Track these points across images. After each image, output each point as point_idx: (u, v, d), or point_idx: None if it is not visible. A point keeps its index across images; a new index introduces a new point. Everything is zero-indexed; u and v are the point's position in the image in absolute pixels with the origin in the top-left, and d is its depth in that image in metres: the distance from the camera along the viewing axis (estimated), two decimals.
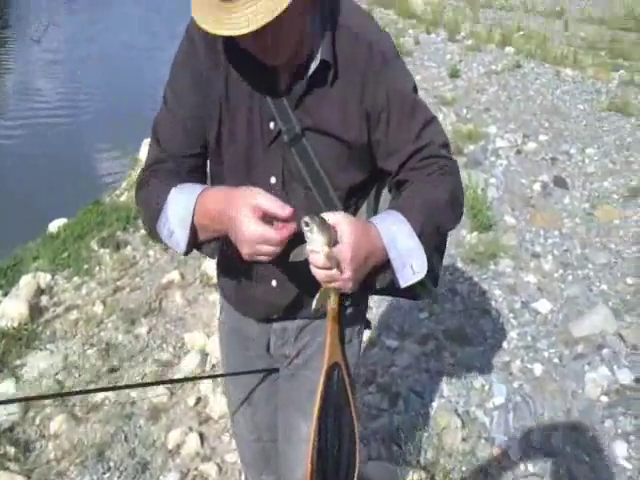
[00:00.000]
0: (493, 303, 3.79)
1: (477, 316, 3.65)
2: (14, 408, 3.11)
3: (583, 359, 3.15)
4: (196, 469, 2.76)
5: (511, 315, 3.65)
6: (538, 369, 3.14)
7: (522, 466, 2.53)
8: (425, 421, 2.84)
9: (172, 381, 1.78)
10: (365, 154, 1.34)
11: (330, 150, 1.31)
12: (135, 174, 5.67)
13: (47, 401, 3.20)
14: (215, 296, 3.98)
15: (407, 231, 1.21)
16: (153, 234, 1.33)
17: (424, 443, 2.63)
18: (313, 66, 1.24)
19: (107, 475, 2.74)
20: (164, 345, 3.71)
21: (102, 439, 2.95)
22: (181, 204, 1.24)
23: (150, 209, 1.32)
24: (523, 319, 3.60)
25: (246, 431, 1.81)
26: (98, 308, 4.09)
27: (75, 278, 4.52)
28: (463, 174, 1.46)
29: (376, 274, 1.25)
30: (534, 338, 3.41)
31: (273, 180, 1.35)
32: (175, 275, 4.33)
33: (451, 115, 6.89)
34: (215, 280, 3.70)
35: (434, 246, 1.34)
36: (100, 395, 3.26)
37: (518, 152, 5.90)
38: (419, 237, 1.22)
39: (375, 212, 1.47)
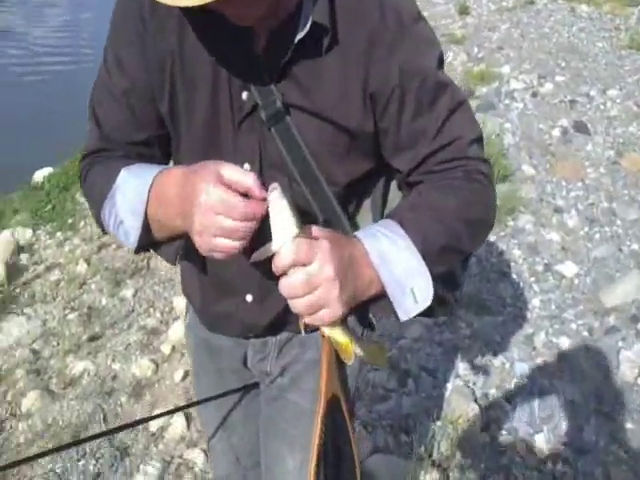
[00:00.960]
0: (512, 265, 3.43)
1: (495, 280, 3.30)
2: None
3: (616, 334, 2.81)
4: (180, 457, 2.47)
5: (533, 279, 3.30)
6: (565, 343, 2.81)
7: (549, 464, 2.22)
8: (438, 405, 2.52)
9: (146, 420, 1.48)
10: (370, 144, 1.06)
11: (322, 136, 1.03)
12: None
13: (20, 374, 2.91)
14: None
15: (405, 247, 0.94)
16: (99, 224, 1.09)
17: (437, 432, 2.32)
18: (302, 30, 0.94)
19: (82, 462, 2.46)
20: (151, 310, 3.40)
21: (79, 419, 2.67)
22: (132, 187, 0.99)
23: (94, 195, 1.08)
24: (546, 284, 3.25)
25: (222, 455, 1.51)
26: (82, 267, 3.77)
27: (58, 234, 4.19)
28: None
29: (368, 302, 0.97)
30: (559, 307, 3.07)
31: (247, 167, 1.06)
32: None
33: (461, 55, 6.41)
34: None
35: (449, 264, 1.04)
36: (79, 367, 2.97)
37: (534, 94, 5.45)
38: (423, 257, 0.95)
39: (382, 214, 1.17)
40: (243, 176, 0.87)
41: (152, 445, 2.54)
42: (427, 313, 0.99)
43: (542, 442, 2.30)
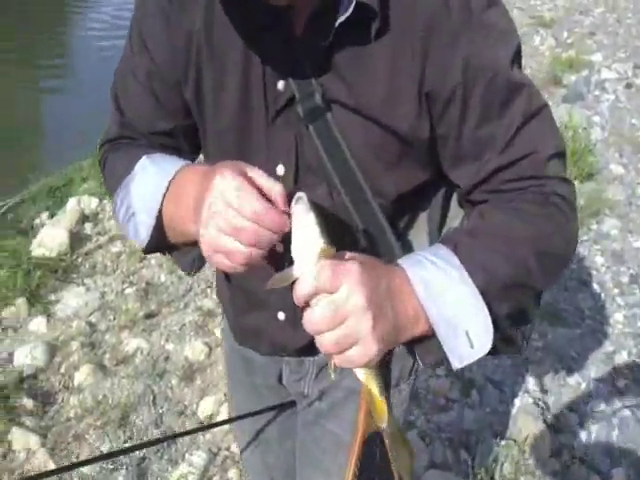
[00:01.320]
0: (594, 274, 3.18)
1: (574, 289, 3.06)
2: (41, 354, 2.82)
3: None
4: (227, 449, 2.39)
5: (616, 291, 3.04)
6: None
7: None
8: (503, 422, 2.34)
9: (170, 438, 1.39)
10: (425, 152, 0.90)
11: (368, 139, 0.88)
12: None
13: (75, 346, 2.89)
14: None
15: (459, 280, 0.79)
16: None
17: (501, 453, 2.14)
18: (345, 12, 0.79)
19: (128, 445, 2.40)
20: (208, 290, 3.32)
21: (128, 399, 2.61)
22: (150, 178, 0.89)
23: (112, 182, 0.98)
24: (632, 297, 2.99)
25: (256, 472, 1.39)
26: None
27: None
28: (561, 110, 0.89)
29: (413, 343, 0.82)
30: None
31: (280, 170, 0.93)
32: None
33: (549, 39, 6.06)
34: None
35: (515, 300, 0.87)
36: (133, 344, 2.92)
37: (628, 86, 5.11)
38: (482, 294, 0.80)
39: (441, 232, 1.01)
40: (269, 181, 0.75)
41: (200, 434, 2.46)
42: (490, 352, 0.82)
43: (621, 478, 2.08)
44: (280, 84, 0.88)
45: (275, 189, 0.75)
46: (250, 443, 1.35)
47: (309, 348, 1.04)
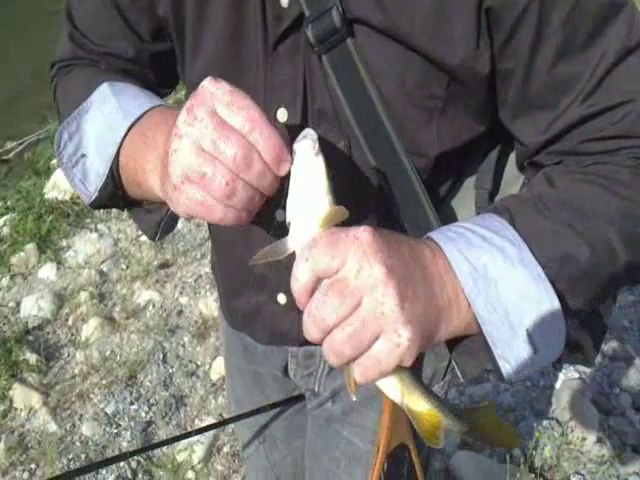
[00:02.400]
0: None
1: None
2: (48, 304, 2.66)
3: None
4: None
5: None
6: None
7: None
8: (545, 399, 2.10)
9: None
10: (480, 96, 0.68)
11: (405, 76, 0.66)
12: None
13: (84, 297, 2.72)
14: None
15: (519, 261, 0.58)
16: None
17: (541, 434, 1.91)
18: None
19: (134, 407, 2.25)
20: None
21: (137, 356, 2.45)
22: (110, 112, 0.71)
23: (65, 109, 0.79)
24: None
25: (259, 470, 1.18)
26: None
27: None
28: None
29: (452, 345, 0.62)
30: None
31: (282, 115, 0.72)
32: None
33: None
34: None
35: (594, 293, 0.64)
36: (145, 296, 2.74)
37: None
38: (552, 284, 0.58)
39: (492, 202, 0.77)
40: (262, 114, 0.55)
41: (211, 397, 2.29)
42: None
43: None
44: None
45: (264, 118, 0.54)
46: (253, 438, 1.15)
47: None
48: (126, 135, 0.69)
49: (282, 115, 0.71)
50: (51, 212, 3.27)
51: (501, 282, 0.57)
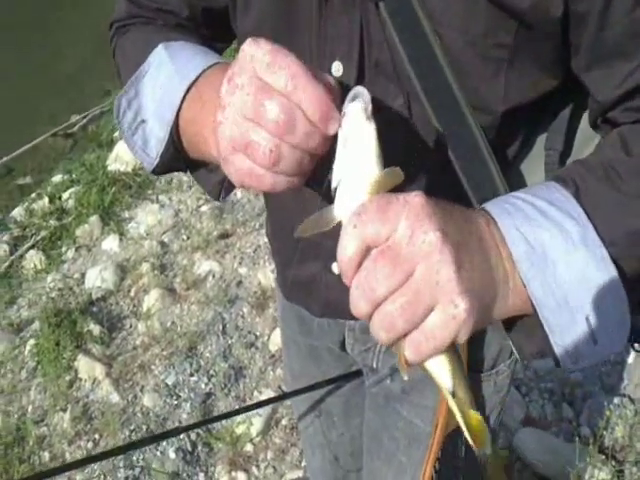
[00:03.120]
0: None
1: None
2: (111, 276, 2.69)
3: None
4: None
5: None
6: None
7: None
8: (616, 375, 1.97)
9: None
10: (551, 44, 0.62)
11: (470, 22, 0.61)
12: None
13: (146, 268, 2.74)
14: None
15: (580, 242, 0.53)
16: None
17: (612, 412, 1.79)
18: None
19: (194, 378, 2.25)
20: None
21: (197, 327, 2.45)
22: (167, 76, 0.68)
23: (127, 71, 0.76)
24: None
25: (316, 447, 1.17)
26: None
27: None
28: None
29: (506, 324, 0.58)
30: None
31: (337, 69, 0.68)
32: None
33: None
34: None
35: None
36: (205, 267, 2.73)
37: None
38: (615, 263, 0.54)
39: (563, 165, 0.71)
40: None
41: (269, 369, 2.27)
42: None
43: None
44: None
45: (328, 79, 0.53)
46: (309, 412, 1.14)
47: None
48: (184, 98, 0.66)
49: (337, 69, 0.68)
50: (114, 184, 3.31)
51: (560, 264, 0.53)
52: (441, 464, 0.91)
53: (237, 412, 1.33)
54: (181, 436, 1.99)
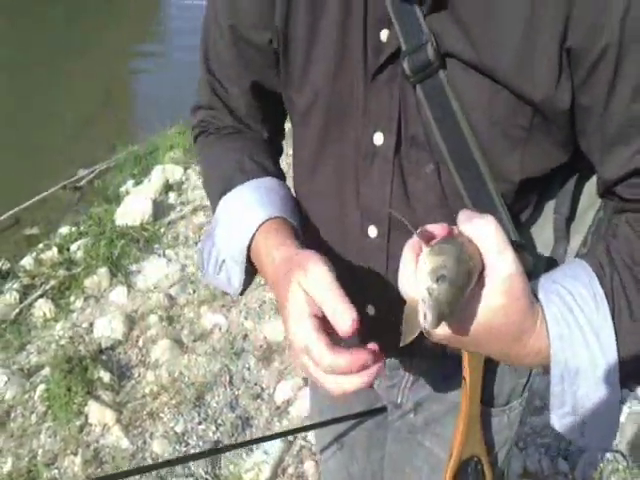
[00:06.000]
0: None
1: None
2: (119, 326, 2.78)
3: None
4: (304, 438, 2.25)
5: None
6: None
7: None
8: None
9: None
10: (562, 127, 0.72)
11: (493, 107, 0.71)
12: None
13: (154, 320, 2.83)
14: None
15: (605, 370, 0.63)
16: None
17: (605, 467, 1.90)
18: None
19: (202, 427, 2.32)
20: None
21: (205, 377, 2.54)
22: (234, 231, 0.83)
23: (205, 186, 0.98)
24: None
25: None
26: None
27: None
28: None
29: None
30: None
31: (379, 139, 0.78)
32: None
33: None
34: None
35: None
36: (211, 320, 2.84)
37: None
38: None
39: (568, 228, 0.82)
40: (337, 310, 0.67)
41: (275, 419, 2.35)
42: None
43: None
44: (383, 34, 0.72)
45: (347, 322, 0.66)
46: (331, 444, 1.20)
47: (404, 348, 0.87)
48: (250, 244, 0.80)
49: (379, 138, 0.78)
50: (122, 237, 3.43)
51: (582, 376, 0.62)
52: None
53: (260, 440, 1.40)
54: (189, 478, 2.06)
